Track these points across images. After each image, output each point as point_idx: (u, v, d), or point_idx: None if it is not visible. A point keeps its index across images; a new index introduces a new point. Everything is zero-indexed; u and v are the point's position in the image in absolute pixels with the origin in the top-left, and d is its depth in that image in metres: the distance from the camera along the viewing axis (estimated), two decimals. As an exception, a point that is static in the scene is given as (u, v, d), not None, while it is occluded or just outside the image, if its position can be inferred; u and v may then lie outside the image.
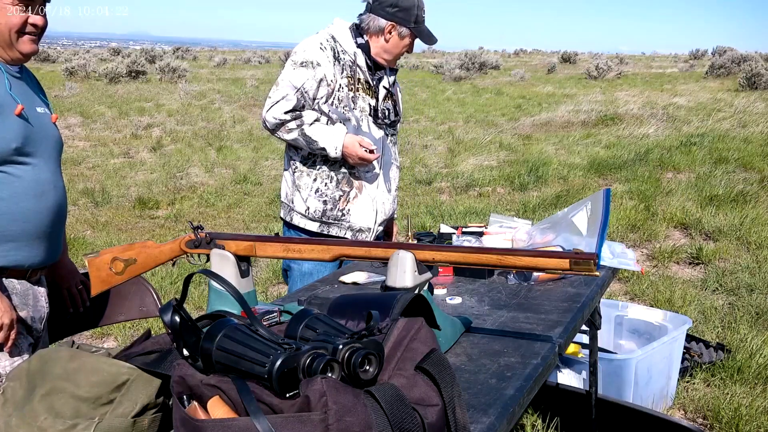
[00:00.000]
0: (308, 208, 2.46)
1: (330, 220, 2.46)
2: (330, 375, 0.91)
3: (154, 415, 1.13)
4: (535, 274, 2.09)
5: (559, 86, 20.67)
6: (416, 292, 1.42)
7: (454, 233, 2.33)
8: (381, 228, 2.58)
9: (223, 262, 1.64)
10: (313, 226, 2.47)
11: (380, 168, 2.48)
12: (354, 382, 0.93)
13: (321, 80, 2.33)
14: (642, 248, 5.30)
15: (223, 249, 1.65)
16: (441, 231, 2.39)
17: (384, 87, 2.49)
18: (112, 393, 1.10)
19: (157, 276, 4.47)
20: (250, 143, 10.75)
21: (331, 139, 2.35)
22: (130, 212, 6.75)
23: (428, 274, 1.55)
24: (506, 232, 2.32)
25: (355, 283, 2.14)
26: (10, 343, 1.70)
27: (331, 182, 2.43)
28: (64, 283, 2.02)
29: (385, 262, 1.53)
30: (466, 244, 2.21)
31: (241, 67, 32.12)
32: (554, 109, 13.79)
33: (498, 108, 15.09)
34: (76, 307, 2.04)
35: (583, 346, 2.75)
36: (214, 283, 1.56)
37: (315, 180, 2.44)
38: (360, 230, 2.48)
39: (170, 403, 1.13)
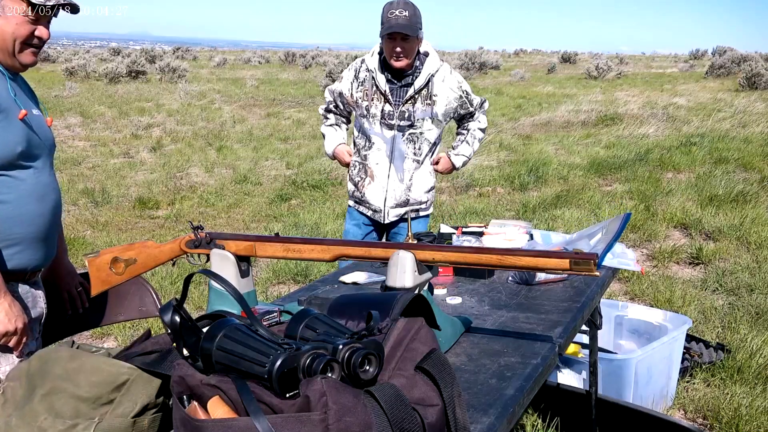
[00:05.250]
0: (348, 188, 3.16)
1: (356, 199, 3.10)
2: (330, 375, 0.91)
3: (154, 415, 1.13)
4: (538, 276, 2.09)
5: (559, 86, 20.68)
6: (416, 292, 1.42)
7: (454, 233, 2.33)
8: (403, 210, 3.04)
9: (223, 262, 1.64)
10: (351, 202, 3.15)
11: (390, 161, 2.98)
12: (354, 382, 0.93)
13: (340, 93, 3.05)
14: (642, 248, 5.30)
15: (223, 249, 1.65)
16: (441, 231, 2.39)
17: (412, 92, 2.92)
18: (112, 393, 1.10)
19: (157, 276, 4.47)
20: (250, 143, 10.75)
21: (330, 142, 3.13)
22: (130, 212, 6.75)
23: (428, 274, 1.55)
24: (507, 232, 2.32)
25: (355, 283, 2.14)
26: (21, 347, 1.70)
27: (354, 169, 3.08)
28: (63, 284, 2.02)
29: (385, 262, 1.53)
30: (466, 244, 2.21)
31: (241, 67, 32.15)
32: (554, 109, 13.80)
33: (498, 108, 15.08)
34: (75, 308, 2.04)
35: (583, 346, 2.75)
36: (214, 283, 1.56)
37: (351, 166, 3.09)
38: (375, 210, 3.05)
39: (170, 403, 1.13)
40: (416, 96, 2.93)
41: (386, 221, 3.04)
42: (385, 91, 2.92)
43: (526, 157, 9.00)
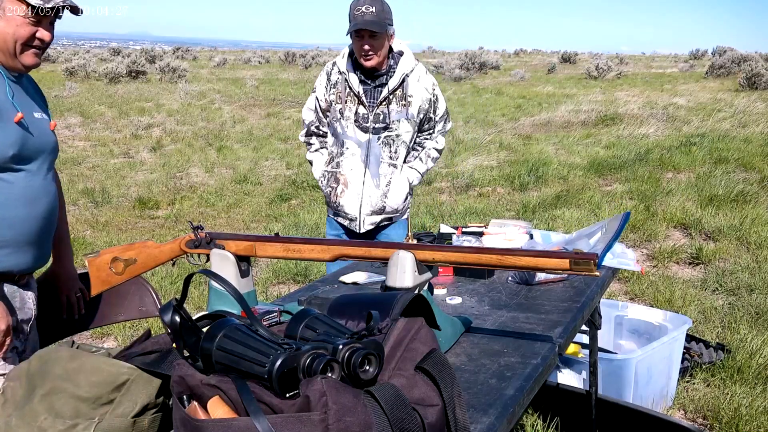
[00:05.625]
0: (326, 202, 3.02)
1: (333, 209, 2.94)
2: (330, 375, 0.91)
3: (154, 415, 1.13)
4: (537, 276, 2.09)
5: (559, 86, 20.68)
6: (416, 292, 1.42)
7: (454, 233, 2.33)
8: (379, 218, 2.90)
9: (223, 262, 1.64)
10: (330, 212, 3.00)
11: (366, 166, 2.83)
12: (354, 382, 0.93)
13: (316, 99, 2.92)
14: (642, 248, 5.30)
15: (223, 249, 1.65)
16: (441, 231, 2.39)
17: (386, 93, 2.80)
18: (112, 393, 1.10)
19: (157, 276, 4.47)
20: (250, 143, 10.75)
21: (317, 168, 2.97)
22: (130, 212, 6.75)
23: (428, 274, 1.55)
24: (506, 232, 2.32)
25: (355, 283, 2.14)
26: (5, 349, 1.69)
27: (324, 179, 2.94)
28: (63, 288, 2.01)
29: (385, 262, 1.53)
30: (466, 244, 2.21)
31: (241, 67, 32.15)
32: (554, 109, 13.80)
33: (498, 108, 15.09)
34: (71, 314, 2.03)
35: (583, 346, 2.75)
36: (214, 283, 1.56)
37: (321, 176, 2.96)
38: (351, 219, 2.89)
39: (170, 403, 1.13)
40: (391, 97, 2.80)
41: (362, 230, 2.86)
42: (358, 92, 2.79)
43: (526, 157, 9.00)
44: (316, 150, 2.98)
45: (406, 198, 2.93)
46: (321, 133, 2.95)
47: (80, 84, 19.37)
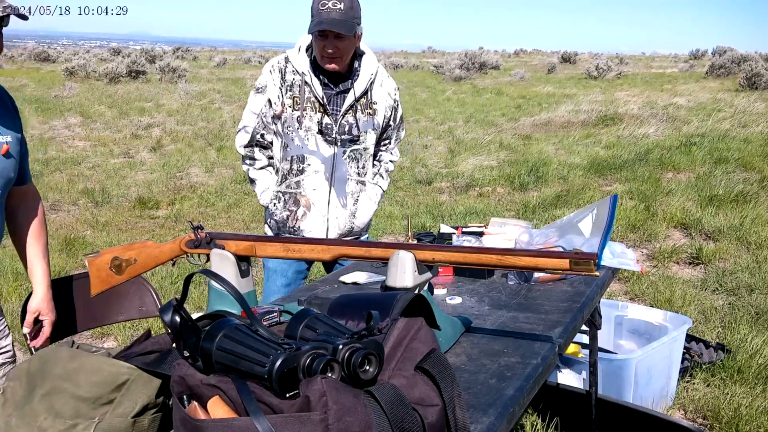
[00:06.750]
0: (271, 229, 2.60)
1: (287, 233, 2.56)
2: (330, 375, 0.91)
3: (154, 415, 1.14)
4: (536, 274, 2.09)
5: (559, 86, 20.67)
6: (416, 292, 1.42)
7: (454, 233, 2.33)
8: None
9: (223, 262, 1.64)
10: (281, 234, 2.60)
11: (330, 185, 2.50)
12: (354, 382, 0.93)
13: (269, 101, 2.47)
14: (642, 248, 5.30)
15: (223, 249, 1.65)
16: (441, 231, 2.39)
17: (351, 100, 2.46)
18: (112, 393, 1.10)
19: (157, 276, 4.47)
20: (250, 143, 10.75)
21: (266, 189, 2.56)
22: (130, 212, 6.75)
23: (428, 274, 1.55)
24: (506, 232, 2.32)
25: (355, 283, 2.14)
26: None
27: (279, 202, 2.54)
28: (34, 310, 1.93)
29: (385, 262, 1.53)
30: (466, 244, 2.21)
31: (241, 67, 32.14)
32: (554, 109, 13.79)
33: (498, 108, 15.09)
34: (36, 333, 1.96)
35: (583, 346, 2.75)
36: (214, 283, 1.56)
37: (275, 198, 2.56)
38: None
39: (170, 403, 1.13)
40: (356, 105, 2.46)
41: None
42: (322, 98, 2.42)
43: (526, 157, 9.00)
44: (262, 167, 2.56)
45: (371, 217, 2.68)
46: (265, 143, 2.54)
47: (80, 84, 19.37)
